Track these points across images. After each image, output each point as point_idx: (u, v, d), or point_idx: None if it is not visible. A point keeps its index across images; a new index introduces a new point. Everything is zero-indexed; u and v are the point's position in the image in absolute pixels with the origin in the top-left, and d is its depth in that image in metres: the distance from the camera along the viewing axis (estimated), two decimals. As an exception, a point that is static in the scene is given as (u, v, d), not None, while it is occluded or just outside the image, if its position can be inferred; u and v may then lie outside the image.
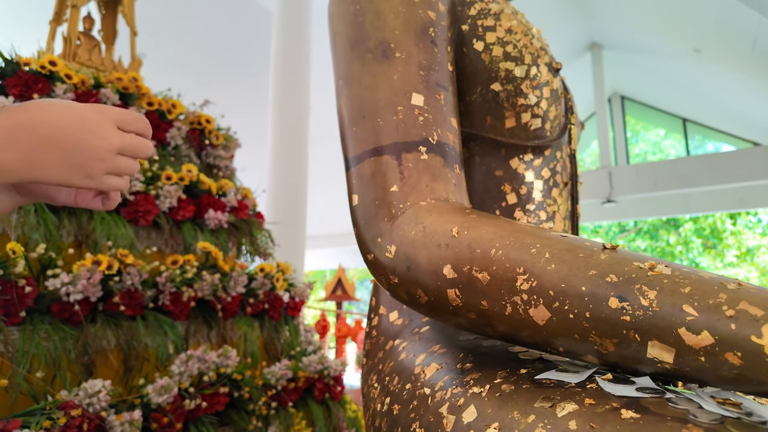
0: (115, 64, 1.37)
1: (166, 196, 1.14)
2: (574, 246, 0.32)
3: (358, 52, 0.49)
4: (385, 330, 0.56)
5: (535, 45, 0.58)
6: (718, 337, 0.24)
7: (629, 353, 0.28)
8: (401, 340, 0.51)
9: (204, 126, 1.34)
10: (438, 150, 0.46)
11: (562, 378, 0.30)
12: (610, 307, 0.28)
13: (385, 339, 0.55)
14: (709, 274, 0.27)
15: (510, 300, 0.32)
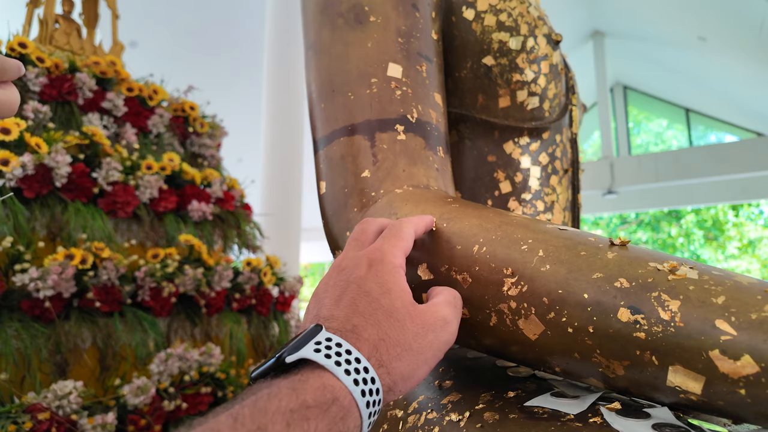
0: (96, 49, 1.30)
1: (146, 187, 1.08)
2: (575, 242, 0.26)
3: (328, 16, 0.42)
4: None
5: (532, 13, 0.52)
6: (764, 365, 0.18)
7: (644, 379, 0.22)
8: (380, 346, 0.46)
9: (188, 113, 1.27)
10: (418, 129, 0.40)
11: (557, 407, 0.24)
12: (619, 320, 0.22)
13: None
14: (747, 279, 0.21)
15: (495, 308, 0.27)
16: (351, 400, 0.20)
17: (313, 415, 0.18)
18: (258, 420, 0.17)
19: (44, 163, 0.91)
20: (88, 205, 0.99)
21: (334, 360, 0.20)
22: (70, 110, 1.04)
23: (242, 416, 0.17)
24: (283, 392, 0.19)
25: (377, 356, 0.22)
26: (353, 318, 0.23)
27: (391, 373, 0.22)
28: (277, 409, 0.17)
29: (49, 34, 1.20)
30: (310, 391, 0.19)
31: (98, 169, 0.99)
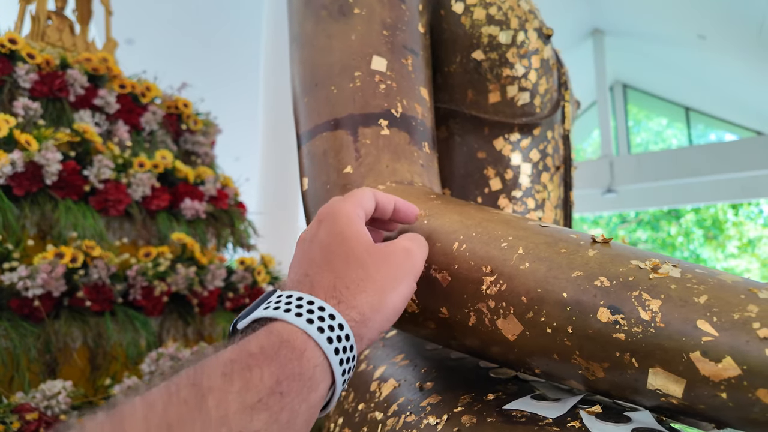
0: (88, 45, 1.29)
1: (138, 185, 1.07)
2: (556, 239, 0.25)
3: (311, 8, 0.41)
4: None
5: (522, 7, 0.51)
6: (746, 367, 0.18)
7: (624, 381, 0.21)
8: (365, 346, 0.45)
9: (181, 110, 1.26)
10: (402, 124, 0.39)
11: (536, 410, 0.23)
12: (599, 320, 0.21)
13: (350, 343, 0.48)
14: (731, 277, 0.21)
15: (474, 307, 0.26)
16: (306, 339, 0.18)
17: (257, 362, 0.16)
18: (192, 377, 0.15)
19: (34, 160, 0.90)
20: (79, 203, 0.98)
21: (284, 308, 0.19)
22: (61, 107, 1.03)
23: (177, 377, 0.16)
24: (228, 349, 0.17)
25: (335, 295, 0.21)
26: (308, 270, 0.22)
27: (357, 306, 0.21)
28: (215, 363, 0.16)
29: (41, 30, 1.19)
30: (255, 341, 0.18)
31: (89, 167, 0.99)
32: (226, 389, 0.15)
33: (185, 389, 0.15)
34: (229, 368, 0.16)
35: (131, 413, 0.14)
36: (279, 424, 0.16)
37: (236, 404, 0.15)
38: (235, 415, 0.15)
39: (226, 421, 0.15)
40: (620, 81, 8.14)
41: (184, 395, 0.15)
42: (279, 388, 0.16)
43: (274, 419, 0.16)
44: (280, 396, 0.16)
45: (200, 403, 0.15)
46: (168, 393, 0.15)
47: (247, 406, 0.15)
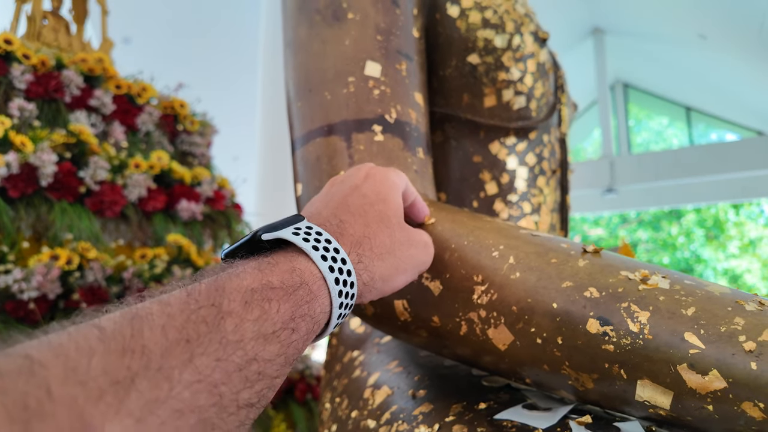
0: (84, 46, 1.29)
1: (134, 186, 1.07)
2: (547, 248, 0.25)
3: (305, 13, 0.41)
4: (346, 339, 0.49)
5: (518, 11, 0.51)
6: (731, 380, 0.18)
7: (613, 392, 0.21)
8: (360, 352, 0.45)
9: (177, 111, 1.26)
10: (396, 130, 0.39)
11: (526, 420, 0.23)
12: (588, 331, 0.21)
13: (345, 349, 0.48)
14: (720, 289, 0.20)
15: (465, 317, 0.26)
16: (321, 285, 0.19)
17: (276, 296, 0.17)
18: (213, 297, 0.16)
19: (29, 162, 0.90)
20: (74, 205, 0.98)
21: (312, 245, 0.19)
22: (56, 108, 1.03)
23: (197, 291, 0.16)
24: (248, 272, 0.17)
25: (358, 251, 0.21)
26: (341, 214, 0.22)
27: (370, 270, 0.22)
28: (236, 288, 0.16)
29: (37, 30, 1.19)
30: (278, 272, 0.18)
31: (85, 168, 0.98)
32: (244, 316, 0.16)
33: (205, 309, 0.15)
34: (249, 297, 0.16)
35: (149, 321, 0.14)
36: (285, 356, 0.17)
37: (252, 332, 0.16)
38: (250, 341, 0.15)
39: (241, 345, 0.15)
40: (621, 80, 8.13)
41: (203, 314, 0.15)
42: (291, 324, 0.17)
43: (282, 352, 0.16)
44: (291, 332, 0.17)
45: (219, 324, 0.15)
46: (188, 308, 0.15)
47: (261, 335, 0.16)
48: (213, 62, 5.29)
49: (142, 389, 0.12)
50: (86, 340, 0.13)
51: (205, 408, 0.14)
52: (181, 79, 1.43)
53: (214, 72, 5.30)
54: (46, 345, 0.12)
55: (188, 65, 4.98)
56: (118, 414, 0.12)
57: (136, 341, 0.13)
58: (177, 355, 0.14)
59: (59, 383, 0.11)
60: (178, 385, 0.13)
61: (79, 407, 0.11)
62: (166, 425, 0.13)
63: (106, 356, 0.12)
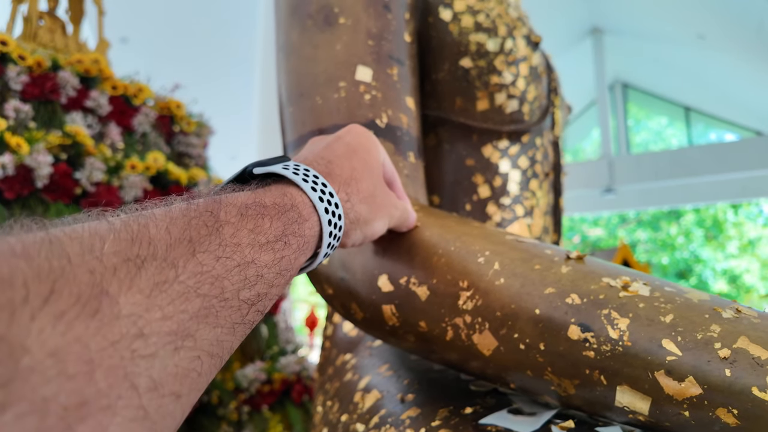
0: (81, 46, 1.29)
1: (130, 187, 1.07)
2: (531, 254, 0.25)
3: (297, 17, 0.41)
4: (339, 342, 0.50)
5: (511, 14, 0.51)
6: (707, 386, 0.18)
7: (594, 398, 0.21)
8: (352, 355, 0.45)
9: (174, 112, 1.26)
10: (387, 135, 0.39)
11: (510, 425, 0.23)
12: (569, 338, 0.21)
13: (337, 352, 0.48)
14: (699, 296, 0.21)
15: (451, 322, 0.26)
16: (312, 211, 0.20)
17: (269, 213, 0.18)
18: (211, 207, 0.17)
19: (25, 163, 0.90)
20: (70, 206, 0.98)
21: (302, 177, 0.20)
22: (52, 109, 1.03)
23: (195, 203, 0.17)
24: (242, 194, 0.18)
25: (347, 190, 0.22)
26: (328, 156, 0.23)
27: (356, 210, 0.23)
28: (232, 202, 0.17)
29: (33, 31, 1.19)
30: (270, 195, 0.19)
31: (81, 170, 0.99)
32: (240, 225, 0.17)
33: (204, 215, 0.16)
34: (244, 210, 0.17)
35: (155, 221, 0.15)
36: (279, 267, 0.18)
37: (248, 239, 0.17)
38: (247, 246, 0.16)
39: (239, 249, 0.16)
40: (620, 80, 8.14)
41: (204, 219, 0.16)
42: (284, 239, 0.18)
43: (276, 262, 0.17)
44: (284, 245, 0.18)
45: (218, 228, 0.16)
46: (189, 214, 0.16)
47: (256, 242, 0.17)
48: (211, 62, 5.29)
49: (150, 271, 0.13)
50: (98, 228, 0.13)
51: (209, 296, 0.15)
52: (179, 79, 1.43)
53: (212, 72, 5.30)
54: (61, 228, 0.13)
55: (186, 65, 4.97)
56: (130, 289, 0.13)
57: (143, 234, 0.14)
58: (181, 249, 0.14)
59: (78, 255, 0.12)
60: (183, 273, 0.14)
61: (96, 276, 0.12)
62: (174, 304, 0.14)
63: (117, 242, 0.13)
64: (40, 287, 0.11)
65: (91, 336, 0.11)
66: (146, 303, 0.13)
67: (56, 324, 0.11)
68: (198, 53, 5.23)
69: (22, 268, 0.11)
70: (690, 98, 7.74)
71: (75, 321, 0.11)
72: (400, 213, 0.27)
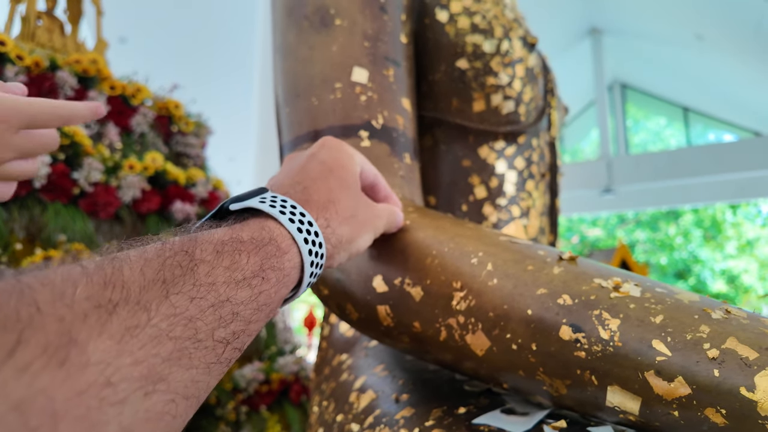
0: (79, 46, 1.29)
1: (128, 187, 1.07)
2: (524, 255, 0.25)
3: (294, 19, 0.42)
4: (335, 342, 0.50)
5: (507, 16, 0.51)
6: (695, 387, 0.18)
7: (585, 398, 0.21)
8: (348, 356, 0.45)
9: (172, 112, 1.26)
10: (383, 136, 0.39)
11: (503, 425, 0.24)
12: (561, 338, 0.21)
13: (334, 353, 0.48)
14: (689, 296, 0.21)
15: (444, 323, 0.26)
16: (291, 243, 0.20)
17: (246, 248, 0.18)
18: (186, 245, 0.17)
19: (24, 163, 0.90)
20: (68, 206, 0.98)
21: (279, 210, 0.20)
22: (51, 110, 1.03)
23: (171, 242, 0.17)
24: (219, 230, 0.18)
25: (325, 216, 0.22)
26: (304, 181, 0.23)
27: (338, 234, 0.23)
28: (208, 239, 0.17)
29: (31, 31, 1.19)
30: (247, 230, 0.19)
31: (79, 170, 0.99)
32: (215, 263, 0.17)
33: (179, 255, 0.16)
34: (220, 247, 0.17)
35: (129, 264, 0.15)
36: (257, 303, 0.18)
37: (224, 277, 0.17)
38: (222, 285, 0.16)
39: (214, 288, 0.16)
40: (619, 80, 8.15)
41: (178, 259, 0.16)
42: (261, 274, 0.18)
43: (254, 298, 0.17)
44: (262, 280, 0.18)
45: (192, 268, 0.16)
46: (163, 254, 0.16)
47: (233, 280, 0.17)
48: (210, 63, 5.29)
49: (122, 316, 0.13)
50: (70, 273, 0.13)
51: (182, 339, 0.15)
52: (178, 79, 1.43)
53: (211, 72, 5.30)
54: (33, 274, 0.13)
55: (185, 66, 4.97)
56: (100, 335, 0.13)
57: (116, 277, 0.14)
58: (154, 292, 0.15)
59: (48, 304, 0.12)
60: (155, 317, 0.14)
61: (66, 324, 0.12)
62: (146, 349, 0.14)
63: (89, 287, 0.13)
64: (5, 338, 0.11)
65: (57, 387, 0.11)
66: (116, 349, 0.13)
67: (21, 376, 0.11)
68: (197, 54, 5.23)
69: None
70: (688, 99, 7.76)
71: (41, 372, 0.11)
72: (385, 220, 0.27)
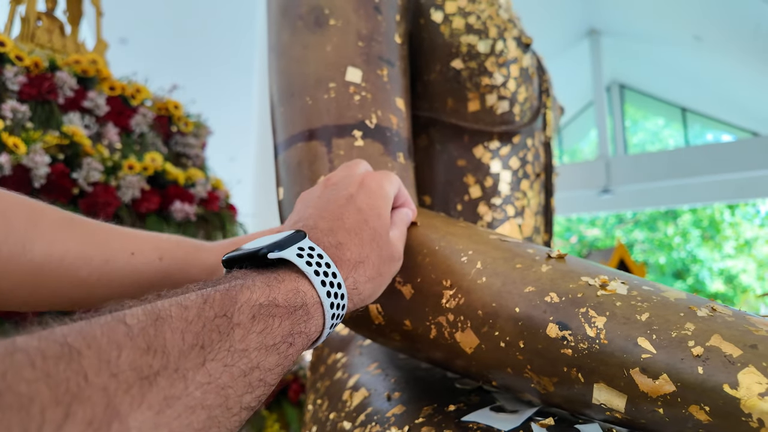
0: (78, 47, 1.29)
1: (128, 187, 1.07)
2: (513, 254, 0.25)
3: (288, 18, 0.42)
4: (330, 340, 0.50)
5: (502, 16, 0.51)
6: (680, 384, 0.18)
7: (572, 395, 0.22)
8: (343, 354, 0.45)
9: (172, 112, 1.26)
10: (377, 135, 0.39)
11: (491, 422, 0.24)
12: (548, 336, 0.22)
13: (329, 351, 0.49)
14: (677, 294, 0.21)
15: (434, 321, 0.26)
16: (318, 308, 0.20)
17: (279, 313, 0.19)
18: (226, 307, 0.17)
19: (22, 163, 0.90)
20: (67, 206, 0.98)
21: (314, 269, 0.21)
22: (49, 109, 1.03)
23: (212, 299, 0.17)
24: (257, 286, 0.19)
25: (354, 276, 0.23)
26: (339, 233, 0.23)
27: (360, 292, 0.23)
28: (246, 301, 0.18)
29: (31, 31, 1.19)
30: (283, 291, 0.19)
31: (78, 170, 0.99)
32: (251, 328, 0.17)
33: (219, 318, 0.17)
34: (257, 311, 0.18)
35: (170, 324, 0.15)
36: (282, 367, 0.19)
37: (256, 343, 0.17)
38: (254, 351, 0.17)
39: (246, 354, 0.17)
40: (617, 81, 8.15)
41: (217, 323, 0.16)
42: (289, 339, 0.19)
43: (281, 362, 0.18)
44: (289, 345, 0.19)
45: (229, 333, 0.17)
46: (203, 315, 0.16)
47: (264, 346, 0.18)
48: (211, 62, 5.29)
49: (162, 386, 0.14)
50: (115, 333, 0.14)
51: (214, 407, 0.15)
52: (180, 79, 1.43)
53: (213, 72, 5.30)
54: (80, 334, 0.13)
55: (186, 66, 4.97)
56: (140, 406, 0.13)
57: (158, 341, 0.14)
58: (192, 359, 0.15)
59: (94, 372, 0.12)
60: (191, 385, 0.15)
61: (110, 395, 0.12)
62: (180, 419, 0.14)
63: (133, 352, 0.14)
64: (56, 413, 0.11)
65: None
66: (155, 420, 0.13)
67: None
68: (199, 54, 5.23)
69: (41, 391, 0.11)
70: (687, 99, 7.77)
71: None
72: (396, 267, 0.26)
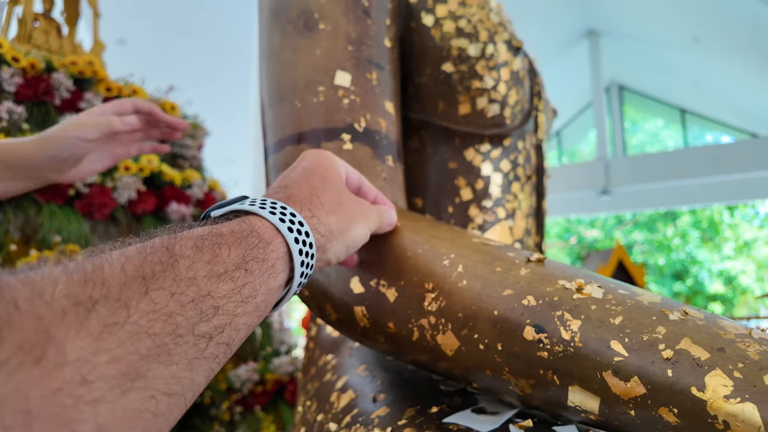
0: (75, 48, 1.29)
1: (124, 188, 1.08)
2: (494, 257, 0.26)
3: (278, 22, 0.42)
4: (321, 342, 0.50)
5: (492, 20, 0.52)
6: (650, 386, 0.18)
7: (549, 397, 0.22)
8: (333, 356, 0.45)
9: (168, 113, 1.26)
10: (365, 139, 0.39)
11: (471, 424, 0.24)
12: (524, 338, 0.22)
13: (320, 353, 0.49)
14: (651, 298, 0.21)
15: (417, 323, 0.26)
16: (274, 233, 0.20)
17: (226, 241, 0.18)
18: (166, 242, 0.17)
19: (18, 164, 0.90)
20: (63, 208, 0.99)
21: (259, 206, 0.20)
22: (46, 111, 1.03)
23: (151, 240, 0.17)
24: (199, 228, 0.19)
25: (310, 208, 0.22)
26: (285, 183, 0.24)
27: (325, 223, 0.23)
28: (187, 235, 0.17)
29: (27, 32, 1.20)
30: (227, 225, 0.19)
31: (74, 171, 0.99)
32: (196, 257, 0.17)
33: (159, 251, 0.16)
34: (200, 242, 0.17)
35: (109, 262, 0.15)
36: (241, 295, 0.18)
37: (204, 271, 0.17)
38: (203, 279, 0.16)
39: (195, 282, 0.16)
40: (616, 82, 8.16)
41: (158, 256, 0.16)
42: (244, 266, 0.18)
43: (237, 291, 0.17)
44: (245, 272, 0.18)
45: (173, 264, 0.16)
46: (144, 252, 0.16)
47: (214, 274, 0.17)
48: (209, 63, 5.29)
49: (101, 313, 0.14)
50: (51, 272, 0.14)
51: (162, 334, 0.15)
52: (179, 80, 1.43)
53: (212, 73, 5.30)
54: (14, 274, 0.13)
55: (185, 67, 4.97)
56: (79, 332, 0.13)
57: (96, 275, 0.14)
58: (134, 288, 0.15)
59: (26, 301, 0.12)
60: (135, 313, 0.14)
61: (44, 322, 0.12)
62: (124, 346, 0.14)
63: (69, 284, 0.13)
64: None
65: (32, 385, 0.11)
66: (94, 347, 0.13)
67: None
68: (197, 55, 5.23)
69: None
70: (686, 100, 7.77)
71: (16, 370, 0.11)
72: (376, 215, 0.27)
